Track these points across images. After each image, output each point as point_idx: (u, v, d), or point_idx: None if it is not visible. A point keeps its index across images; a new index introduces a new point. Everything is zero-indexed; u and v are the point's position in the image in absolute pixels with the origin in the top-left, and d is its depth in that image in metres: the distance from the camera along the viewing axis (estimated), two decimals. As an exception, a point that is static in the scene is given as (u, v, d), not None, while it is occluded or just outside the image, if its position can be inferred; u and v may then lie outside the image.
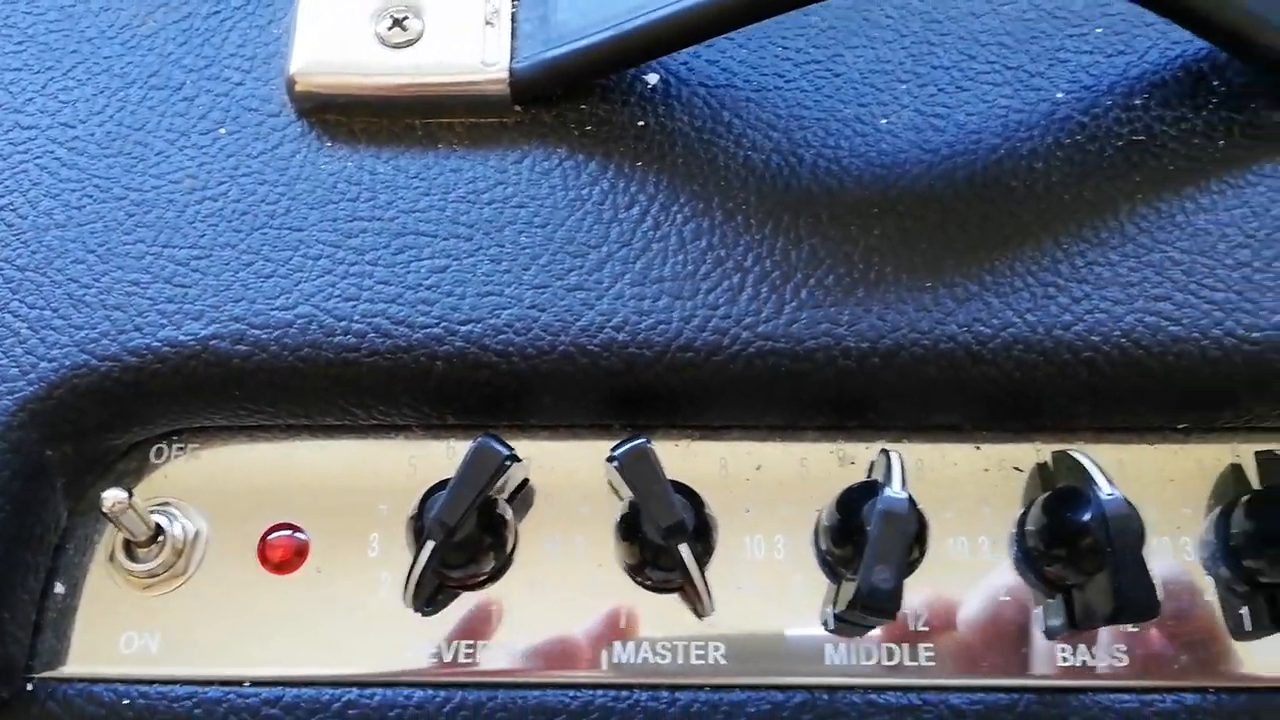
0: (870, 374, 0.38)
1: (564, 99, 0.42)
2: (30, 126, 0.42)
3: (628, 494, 0.37)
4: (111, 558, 0.40)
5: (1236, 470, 0.42)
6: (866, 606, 0.35)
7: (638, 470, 0.36)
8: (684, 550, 0.36)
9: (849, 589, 0.36)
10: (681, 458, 0.42)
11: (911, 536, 0.37)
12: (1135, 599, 0.35)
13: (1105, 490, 0.37)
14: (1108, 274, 0.39)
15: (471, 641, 0.39)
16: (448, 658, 0.39)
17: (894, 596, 0.35)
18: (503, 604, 0.40)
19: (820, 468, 0.41)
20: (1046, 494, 0.40)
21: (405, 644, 0.39)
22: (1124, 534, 0.36)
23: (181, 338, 0.39)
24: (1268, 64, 0.42)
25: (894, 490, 0.36)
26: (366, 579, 0.40)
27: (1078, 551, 0.38)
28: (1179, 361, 0.38)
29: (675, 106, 0.42)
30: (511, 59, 0.41)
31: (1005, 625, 0.39)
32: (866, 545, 0.35)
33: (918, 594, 0.39)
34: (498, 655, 0.39)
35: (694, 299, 0.39)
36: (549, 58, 0.40)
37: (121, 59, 0.44)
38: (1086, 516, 0.37)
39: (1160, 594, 0.36)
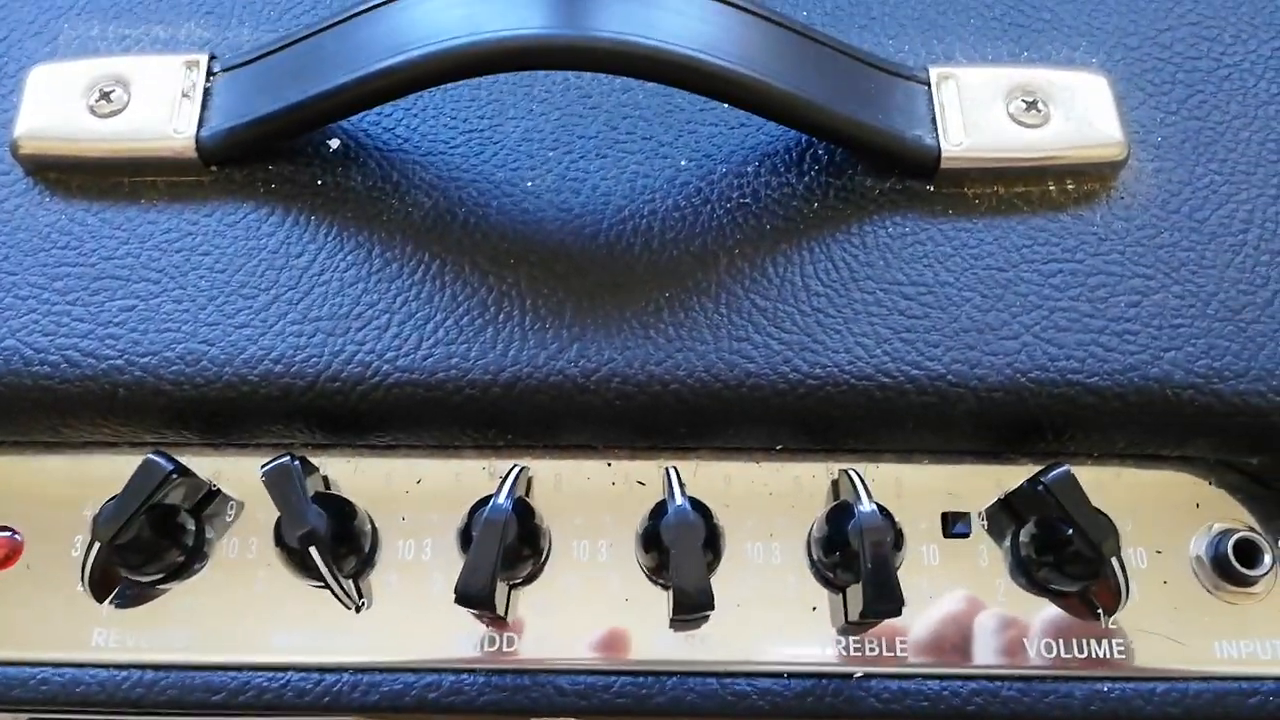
0: (492, 401, 0.45)
1: (255, 160, 0.48)
2: None
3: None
4: None
5: (834, 485, 0.49)
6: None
7: (276, 483, 0.43)
8: (314, 553, 0.43)
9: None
10: (352, 472, 0.48)
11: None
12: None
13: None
14: (700, 318, 0.46)
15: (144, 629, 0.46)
16: (123, 645, 0.45)
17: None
18: (188, 597, 0.46)
19: (471, 481, 0.48)
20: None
21: (89, 633, 0.46)
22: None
23: (-99, 366, 0.45)
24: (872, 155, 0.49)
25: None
26: (71, 575, 0.47)
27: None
28: (754, 393, 0.45)
29: (351, 167, 0.49)
30: (199, 127, 0.47)
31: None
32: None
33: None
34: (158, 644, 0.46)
35: (344, 336, 0.45)
36: (226, 127, 0.47)
37: (-124, 121, 0.50)
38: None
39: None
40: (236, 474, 0.48)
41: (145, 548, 0.45)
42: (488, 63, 0.43)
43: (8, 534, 0.47)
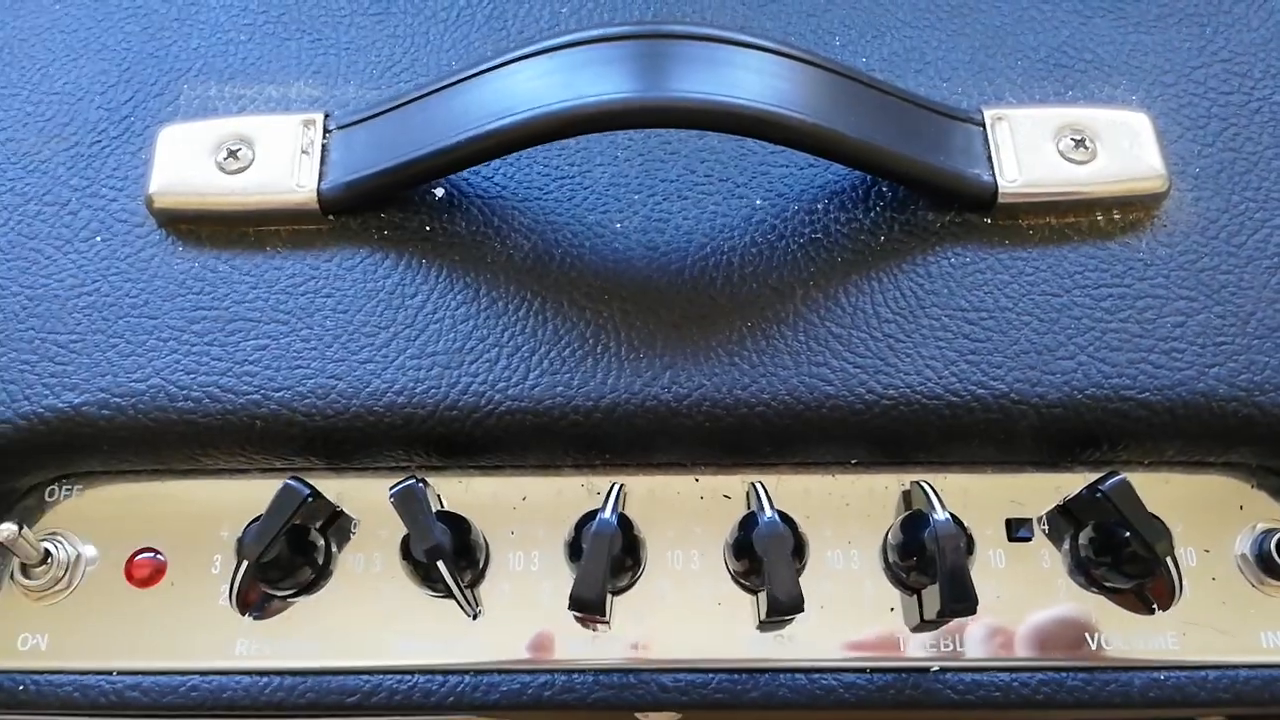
0: (595, 425, 0.50)
1: (367, 209, 0.53)
2: (-53, 236, 0.54)
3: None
4: (12, 576, 0.51)
5: (906, 496, 0.53)
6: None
7: (405, 503, 0.47)
8: (441, 566, 0.47)
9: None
10: (463, 491, 0.53)
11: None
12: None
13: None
14: (781, 345, 0.50)
15: (280, 639, 0.50)
16: (261, 654, 0.50)
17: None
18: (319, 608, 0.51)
19: (573, 497, 0.52)
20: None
21: (233, 643, 0.50)
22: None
23: (60, 405, 0.50)
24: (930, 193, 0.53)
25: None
26: (211, 591, 0.51)
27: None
28: (833, 413, 0.49)
29: (455, 214, 0.53)
30: (319, 181, 0.52)
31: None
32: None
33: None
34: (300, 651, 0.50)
35: (459, 369, 0.50)
36: (345, 180, 0.51)
37: (22, 180, 0.55)
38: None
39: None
40: (355, 494, 0.53)
41: (283, 565, 0.49)
42: (588, 124, 0.47)
43: (151, 555, 0.52)
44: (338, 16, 0.58)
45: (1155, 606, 0.50)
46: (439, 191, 0.54)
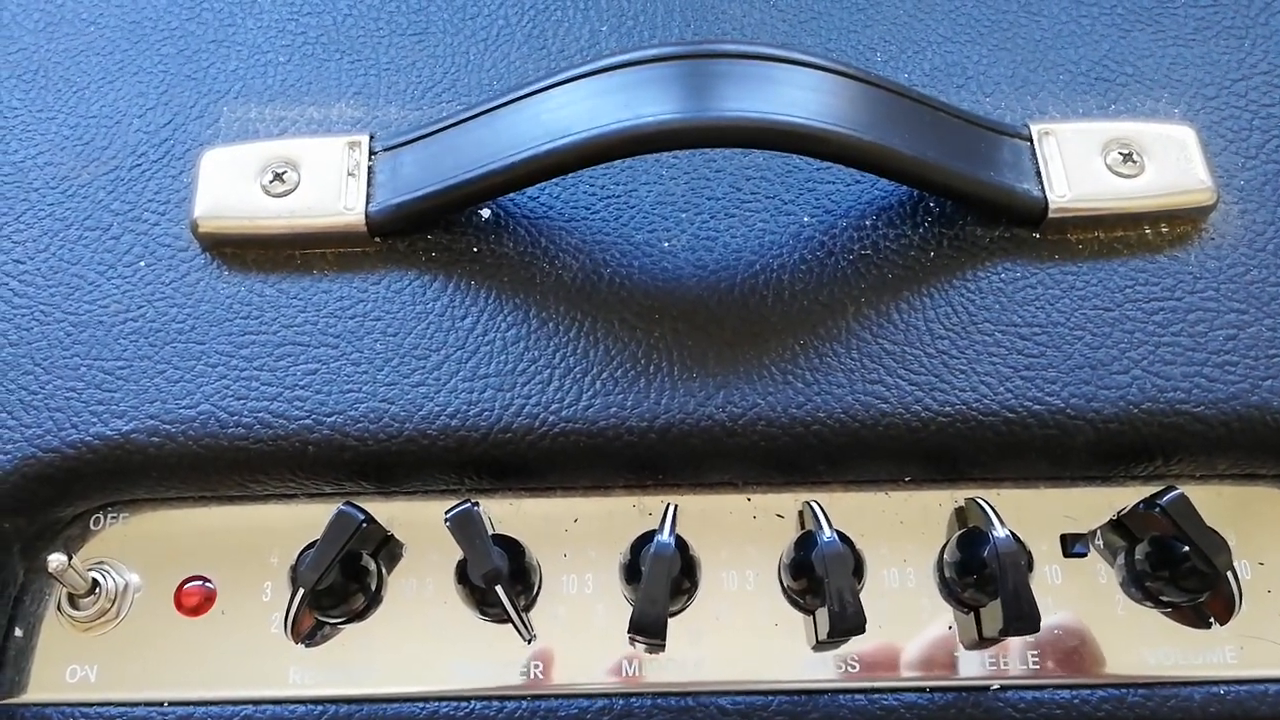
0: (649, 445, 0.49)
1: (414, 231, 0.53)
2: (-12, 263, 0.53)
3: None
4: (59, 607, 0.51)
5: (959, 513, 0.53)
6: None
7: (462, 527, 0.47)
8: (499, 590, 0.47)
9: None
10: (513, 513, 0.52)
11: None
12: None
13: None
14: (834, 363, 0.50)
15: (333, 667, 0.50)
16: (315, 683, 0.49)
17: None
18: (372, 634, 0.50)
19: (624, 518, 0.52)
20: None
21: (283, 671, 0.50)
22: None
23: (108, 432, 0.49)
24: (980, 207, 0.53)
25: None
26: (262, 619, 0.51)
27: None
28: (889, 431, 0.49)
29: (503, 235, 0.53)
30: (367, 203, 0.51)
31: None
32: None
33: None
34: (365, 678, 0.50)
35: (512, 391, 0.49)
36: (395, 202, 0.51)
37: (62, 205, 0.54)
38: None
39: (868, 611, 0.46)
40: (404, 518, 0.52)
41: (337, 591, 0.49)
42: (645, 144, 0.47)
43: (200, 583, 0.51)
44: (376, 37, 0.58)
45: (1214, 621, 0.50)
46: (485, 213, 0.53)
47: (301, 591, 0.47)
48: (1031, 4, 0.59)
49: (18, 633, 0.51)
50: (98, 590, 0.50)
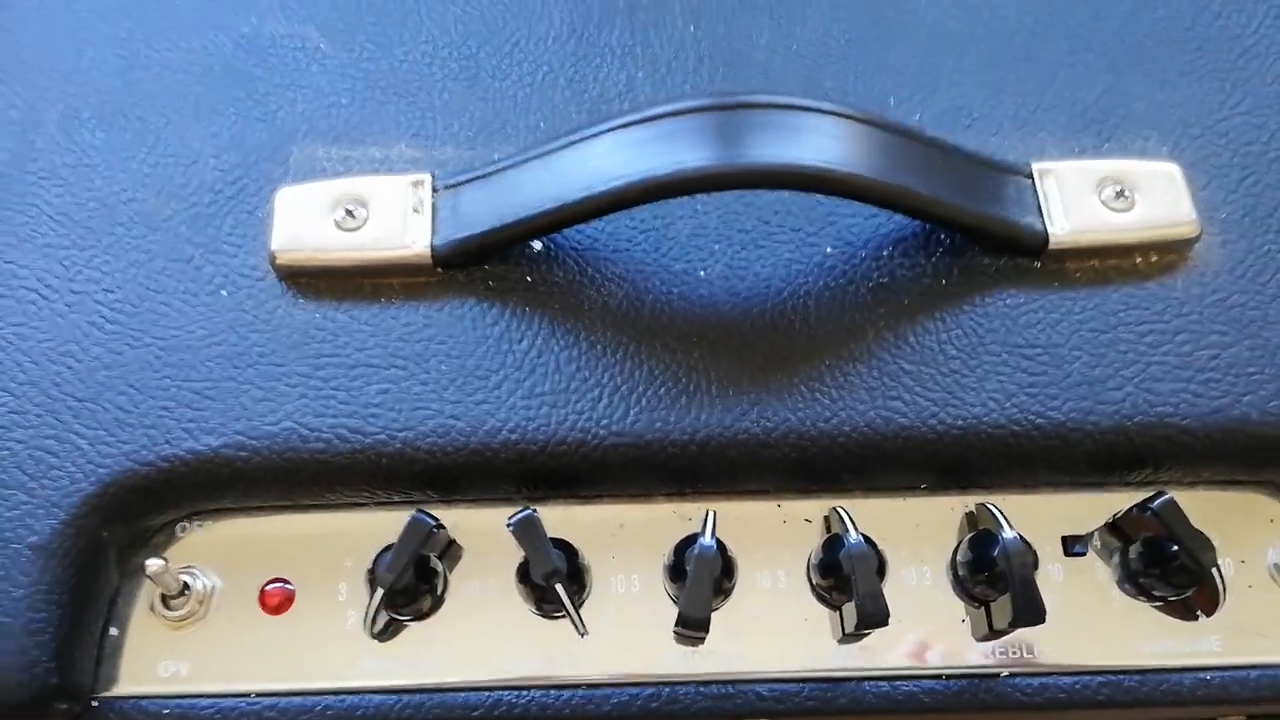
0: (690, 457, 0.54)
1: (474, 263, 0.57)
2: (80, 292, 0.58)
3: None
4: (151, 607, 0.55)
5: (970, 516, 0.58)
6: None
7: (526, 532, 0.52)
8: (559, 588, 0.52)
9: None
10: (564, 519, 0.57)
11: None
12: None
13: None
14: (857, 381, 0.55)
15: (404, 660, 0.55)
16: (390, 673, 0.54)
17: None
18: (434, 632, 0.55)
19: (666, 524, 0.57)
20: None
21: (358, 663, 0.55)
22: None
23: (198, 448, 0.54)
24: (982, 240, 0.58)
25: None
26: (338, 616, 0.56)
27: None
28: (907, 443, 0.54)
29: (553, 265, 0.58)
30: (432, 237, 0.56)
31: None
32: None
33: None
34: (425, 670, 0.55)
35: (565, 407, 0.54)
36: (458, 237, 0.56)
37: (146, 238, 0.59)
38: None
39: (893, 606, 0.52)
40: (463, 524, 0.57)
41: (409, 591, 0.54)
42: (688, 186, 0.52)
43: (281, 584, 0.56)
44: (430, 81, 0.63)
45: (1200, 614, 0.55)
46: (537, 245, 0.58)
47: (380, 591, 0.52)
48: (1031, 50, 0.64)
49: (113, 631, 0.55)
50: (188, 592, 0.55)
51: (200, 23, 0.65)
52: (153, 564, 0.53)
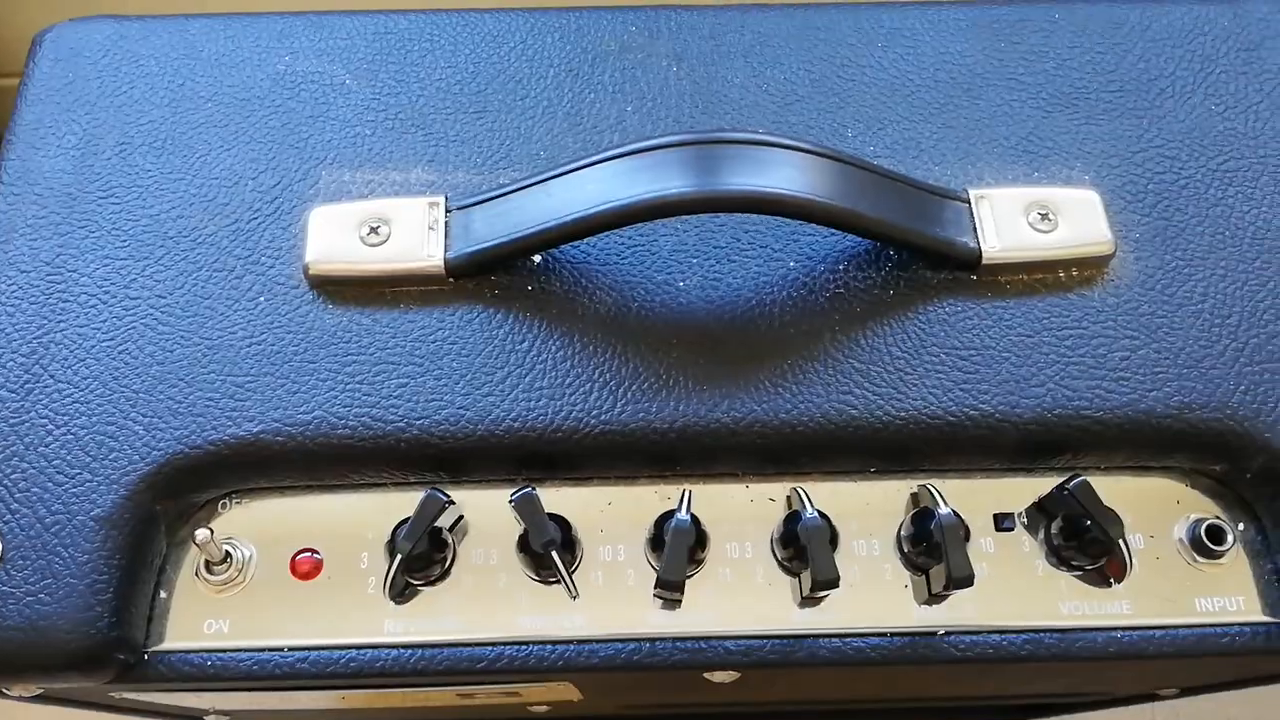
0: (670, 443, 0.62)
1: (482, 274, 0.66)
2: (136, 298, 0.66)
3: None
4: (196, 573, 0.63)
5: (913, 496, 0.66)
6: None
7: (525, 507, 0.60)
8: (555, 556, 0.60)
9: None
10: (559, 497, 0.65)
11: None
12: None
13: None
14: (815, 378, 0.63)
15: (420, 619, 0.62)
16: (407, 631, 0.62)
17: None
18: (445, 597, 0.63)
19: (648, 501, 0.65)
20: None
21: (378, 623, 0.62)
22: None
23: (240, 433, 0.62)
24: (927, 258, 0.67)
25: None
26: (361, 582, 0.63)
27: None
28: (857, 432, 0.63)
29: (551, 276, 0.66)
30: (445, 251, 0.65)
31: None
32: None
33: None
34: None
35: (562, 399, 0.63)
36: (468, 251, 0.64)
37: (193, 250, 0.67)
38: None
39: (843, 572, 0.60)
40: (469, 501, 0.65)
41: (424, 558, 0.61)
42: (667, 210, 0.61)
43: (310, 554, 0.64)
44: (445, 113, 0.72)
45: (1112, 581, 0.63)
46: (537, 259, 0.67)
47: (398, 558, 0.60)
48: (973, 90, 0.73)
49: (162, 594, 0.63)
50: (229, 559, 0.63)
51: (240, 62, 0.74)
52: (201, 533, 0.60)
